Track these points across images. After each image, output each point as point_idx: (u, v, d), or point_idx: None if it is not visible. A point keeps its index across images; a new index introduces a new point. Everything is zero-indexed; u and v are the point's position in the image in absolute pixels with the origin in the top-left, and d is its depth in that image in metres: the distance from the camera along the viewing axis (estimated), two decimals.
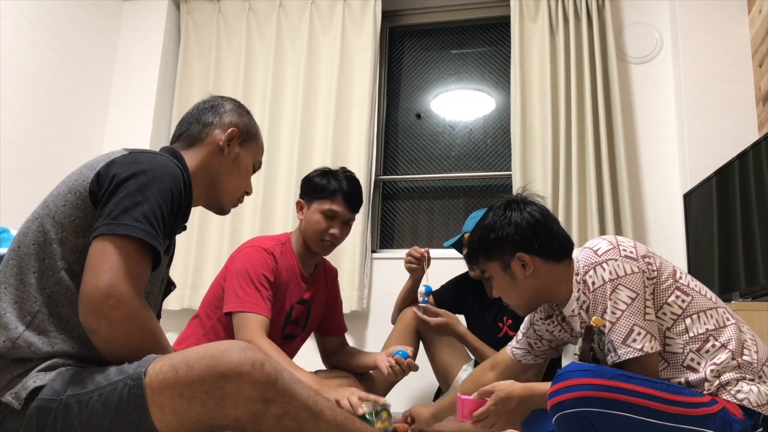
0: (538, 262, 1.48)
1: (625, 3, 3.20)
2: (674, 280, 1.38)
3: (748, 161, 2.22)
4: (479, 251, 1.55)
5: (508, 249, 1.49)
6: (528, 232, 1.48)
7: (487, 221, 1.54)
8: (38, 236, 1.13)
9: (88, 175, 1.14)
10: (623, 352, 1.30)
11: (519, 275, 1.49)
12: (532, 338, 1.66)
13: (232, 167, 1.40)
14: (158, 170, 1.15)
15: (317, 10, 3.45)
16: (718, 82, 2.86)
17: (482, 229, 1.55)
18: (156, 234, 1.10)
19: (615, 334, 1.32)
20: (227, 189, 1.41)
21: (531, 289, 1.50)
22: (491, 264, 1.53)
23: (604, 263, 1.36)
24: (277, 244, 2.01)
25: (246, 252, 1.94)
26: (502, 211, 1.53)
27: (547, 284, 1.50)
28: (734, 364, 1.30)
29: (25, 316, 1.08)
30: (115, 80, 3.58)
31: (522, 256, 1.48)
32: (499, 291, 1.56)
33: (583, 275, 1.40)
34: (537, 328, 1.65)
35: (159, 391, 0.98)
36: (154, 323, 1.10)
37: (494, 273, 1.54)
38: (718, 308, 1.37)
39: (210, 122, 1.39)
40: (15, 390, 1.03)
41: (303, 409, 1.04)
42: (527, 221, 1.50)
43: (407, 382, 2.44)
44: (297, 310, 2.04)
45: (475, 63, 3.57)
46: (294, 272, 2.01)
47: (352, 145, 3.24)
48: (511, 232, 1.49)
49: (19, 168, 2.90)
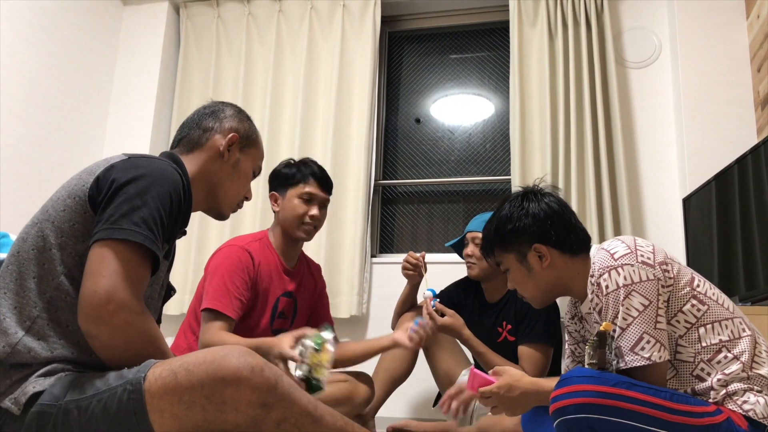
0: (555, 254, 1.46)
1: (624, 8, 3.21)
2: (691, 288, 1.35)
3: (747, 165, 2.23)
4: (495, 242, 1.53)
5: (525, 240, 1.47)
6: (545, 224, 1.46)
7: (504, 212, 1.51)
8: (38, 241, 1.13)
9: (88, 180, 1.14)
10: (630, 359, 1.29)
11: (535, 267, 1.47)
12: (572, 344, 1.64)
13: (232, 173, 1.40)
14: (157, 175, 1.15)
15: (317, 15, 3.46)
16: (717, 87, 2.87)
17: (499, 220, 1.52)
18: (155, 238, 1.10)
19: (624, 341, 1.30)
20: (227, 194, 1.41)
21: (547, 281, 1.48)
22: (507, 255, 1.51)
23: (619, 267, 1.33)
24: (254, 240, 2.03)
25: (222, 252, 1.96)
26: (519, 201, 1.51)
27: (564, 277, 1.48)
28: (743, 375, 1.28)
29: (25, 321, 1.08)
30: (115, 85, 3.58)
31: (539, 248, 1.46)
32: (515, 283, 1.55)
33: (598, 278, 1.37)
34: (570, 330, 1.64)
35: (158, 396, 0.98)
36: (153, 328, 1.10)
37: (510, 265, 1.52)
38: (734, 318, 1.34)
39: (210, 127, 1.39)
40: (14, 395, 1.03)
41: (303, 414, 1.04)
42: (545, 212, 1.47)
43: (407, 387, 2.44)
44: (283, 302, 2.05)
45: (475, 68, 3.58)
46: (275, 266, 2.03)
47: (352, 150, 3.25)
48: (529, 223, 1.46)
49: (19, 173, 2.90)
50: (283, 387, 1.02)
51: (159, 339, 1.11)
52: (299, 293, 2.12)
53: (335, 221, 3.15)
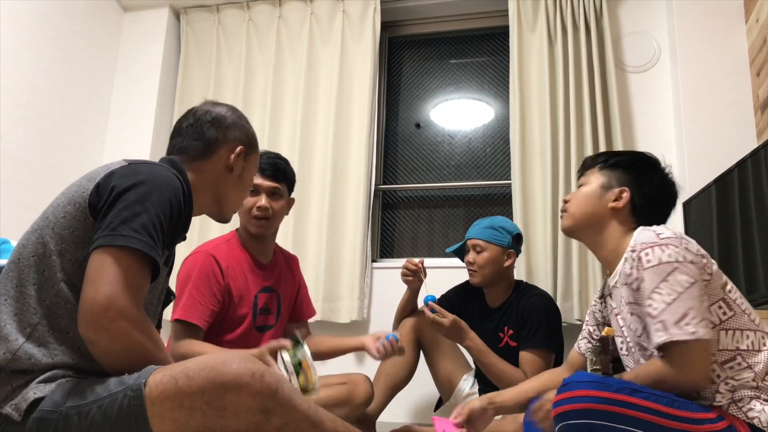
0: (626, 212, 1.50)
1: (623, 12, 3.22)
2: (723, 291, 1.34)
3: (747, 169, 2.23)
4: (605, 159, 1.57)
5: (624, 179, 1.52)
6: (652, 192, 1.50)
7: (640, 152, 1.59)
8: (38, 248, 1.13)
9: (88, 187, 1.15)
10: (674, 332, 1.24)
11: (605, 199, 1.52)
12: (591, 325, 1.65)
13: (238, 182, 1.41)
14: (157, 181, 1.15)
15: (317, 21, 3.47)
16: (717, 91, 2.87)
17: (629, 152, 1.60)
18: (155, 245, 1.10)
19: (668, 314, 1.26)
20: (232, 202, 1.43)
21: (596, 215, 1.52)
22: (598, 175, 1.55)
23: (664, 245, 1.32)
24: (222, 242, 2.02)
25: (189, 261, 1.94)
26: (659, 165, 1.55)
27: (611, 230, 1.50)
28: (753, 384, 1.28)
29: (25, 327, 1.08)
30: (116, 91, 3.59)
31: (625, 193, 1.50)
32: (575, 195, 1.58)
33: (639, 252, 1.35)
34: (594, 310, 1.64)
35: (159, 402, 0.98)
36: (153, 335, 1.10)
37: (590, 182, 1.56)
38: (757, 332, 1.33)
39: (215, 139, 1.37)
40: (15, 401, 1.03)
41: (303, 420, 1.04)
42: (661, 185, 1.52)
43: (408, 393, 2.43)
44: (262, 298, 2.03)
45: (474, 73, 3.58)
46: (246, 264, 2.01)
47: (352, 155, 3.25)
48: (644, 175, 1.51)
49: (20, 179, 2.90)
50: (283, 393, 1.02)
51: (159, 345, 1.11)
52: (280, 287, 2.10)
53: (335, 226, 3.15)
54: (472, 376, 2.41)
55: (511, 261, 2.31)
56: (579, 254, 2.82)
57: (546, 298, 2.30)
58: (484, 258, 2.28)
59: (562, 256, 2.83)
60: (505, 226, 2.33)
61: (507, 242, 2.29)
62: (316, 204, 3.21)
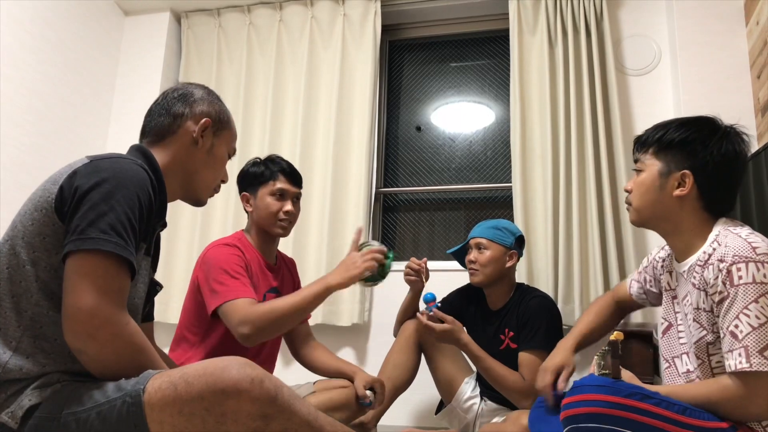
0: (694, 196, 1.38)
1: (624, 15, 3.22)
2: None
3: (748, 172, 2.22)
4: (656, 139, 1.43)
5: (682, 159, 1.38)
6: (715, 166, 1.36)
7: (691, 121, 1.41)
8: (11, 259, 1.11)
9: (52, 190, 1.12)
10: (757, 362, 1.19)
11: (668, 188, 1.40)
12: (649, 274, 1.60)
13: (207, 158, 1.37)
14: (121, 177, 1.12)
15: (317, 25, 3.47)
16: (717, 94, 2.87)
17: (679, 122, 1.42)
18: (126, 244, 1.08)
19: (752, 340, 1.20)
20: (203, 181, 1.38)
21: (663, 207, 1.41)
22: (654, 160, 1.43)
23: (759, 264, 1.23)
24: (235, 239, 2.04)
25: (211, 252, 1.94)
26: (713, 128, 1.40)
27: (680, 220, 1.40)
28: None
29: (10, 341, 1.07)
30: (117, 95, 3.60)
31: (687, 176, 1.37)
32: (635, 185, 1.46)
33: (730, 264, 1.25)
34: (655, 266, 1.59)
35: (158, 408, 0.98)
36: (140, 338, 1.09)
37: (647, 168, 1.44)
38: None
39: (180, 113, 1.34)
40: (11, 409, 1.02)
41: (303, 425, 1.04)
42: (723, 155, 1.36)
43: (409, 395, 2.43)
44: (270, 298, 2.04)
45: (475, 76, 3.59)
46: (257, 263, 2.04)
47: (353, 158, 3.25)
48: (701, 150, 1.37)
49: (21, 182, 2.91)
50: (283, 398, 1.01)
51: (147, 348, 1.10)
52: (283, 289, 2.13)
53: (337, 229, 3.15)
54: (473, 379, 2.41)
55: (512, 262, 2.31)
56: (580, 257, 2.82)
57: (547, 299, 2.29)
58: (486, 257, 2.27)
59: (563, 259, 2.83)
60: (509, 227, 2.34)
61: (510, 243, 2.29)
62: (316, 207, 3.21)
